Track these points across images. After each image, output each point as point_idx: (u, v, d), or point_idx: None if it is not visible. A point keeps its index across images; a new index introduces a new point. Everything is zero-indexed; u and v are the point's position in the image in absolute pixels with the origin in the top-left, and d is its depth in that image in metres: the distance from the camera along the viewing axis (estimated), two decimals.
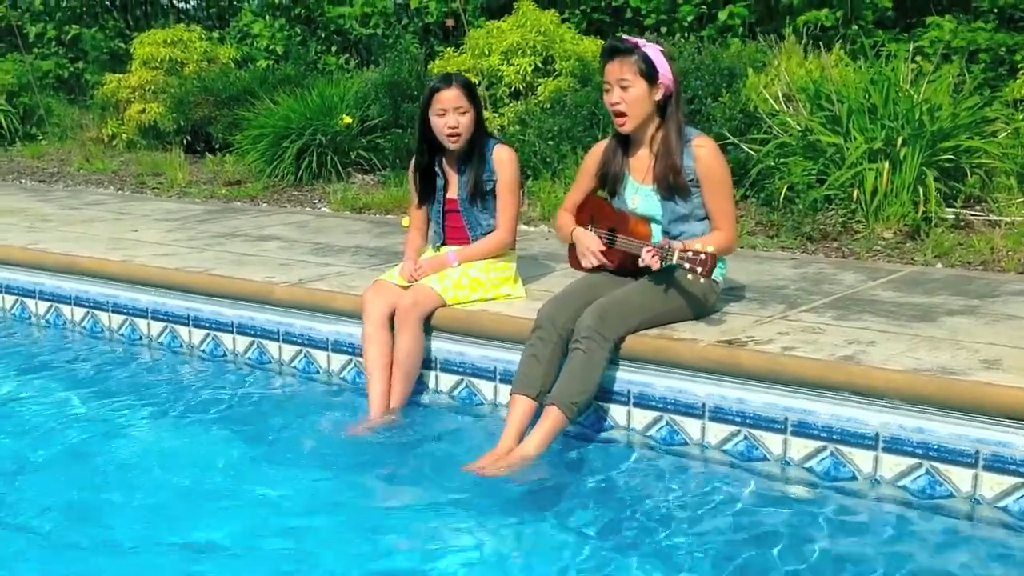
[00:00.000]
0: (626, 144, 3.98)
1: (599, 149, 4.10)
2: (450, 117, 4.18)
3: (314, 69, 10.02)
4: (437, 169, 4.36)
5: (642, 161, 3.94)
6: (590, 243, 3.98)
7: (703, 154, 3.84)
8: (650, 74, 3.78)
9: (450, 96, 4.17)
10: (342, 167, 7.96)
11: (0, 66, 11.26)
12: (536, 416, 3.67)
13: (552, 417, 3.60)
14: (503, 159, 4.29)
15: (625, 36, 3.88)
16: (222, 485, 3.60)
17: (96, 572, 3.06)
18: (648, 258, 3.65)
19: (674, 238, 3.84)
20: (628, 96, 3.79)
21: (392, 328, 4.14)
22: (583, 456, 3.72)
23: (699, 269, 3.55)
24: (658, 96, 3.82)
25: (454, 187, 4.35)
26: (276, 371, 4.70)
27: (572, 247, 4.18)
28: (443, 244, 4.43)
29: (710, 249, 3.57)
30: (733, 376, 3.58)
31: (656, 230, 3.92)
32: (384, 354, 4.11)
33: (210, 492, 3.53)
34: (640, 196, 3.94)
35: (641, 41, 3.83)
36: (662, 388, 3.73)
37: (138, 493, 3.52)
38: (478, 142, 4.27)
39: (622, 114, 3.82)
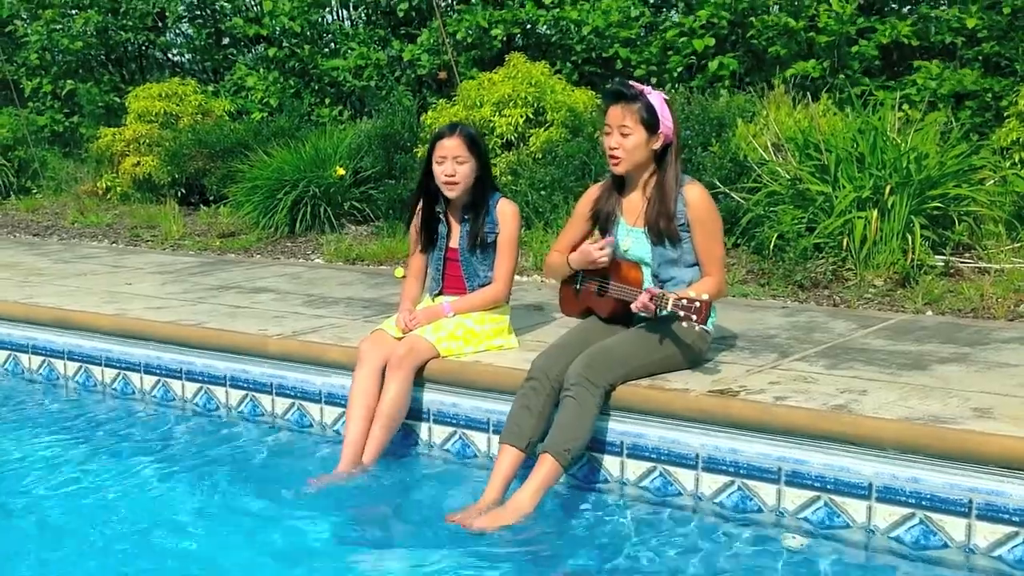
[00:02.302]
0: (620, 186, 4.02)
1: (593, 192, 4.14)
2: (447, 165, 4.22)
3: (308, 121, 10.10)
4: (440, 216, 4.40)
5: (634, 204, 3.98)
6: (588, 248, 3.93)
7: (694, 199, 3.87)
8: (651, 123, 3.82)
9: (451, 145, 4.22)
10: (336, 218, 8.00)
11: None
12: (524, 467, 3.65)
13: (546, 466, 3.57)
14: (506, 213, 4.33)
15: (632, 82, 3.93)
16: (213, 539, 3.57)
17: None
18: (642, 304, 3.67)
19: (664, 282, 3.87)
20: (626, 143, 3.84)
21: (383, 380, 4.12)
22: (577, 508, 3.71)
23: (694, 317, 3.56)
24: (656, 145, 3.86)
25: (456, 236, 4.38)
26: (269, 424, 4.69)
27: (563, 290, 4.20)
28: (440, 292, 4.45)
29: (705, 297, 3.58)
30: (726, 426, 3.59)
31: (646, 273, 3.94)
32: (368, 405, 4.08)
33: (200, 545, 3.51)
34: (632, 238, 3.97)
35: (647, 88, 3.87)
36: (655, 438, 3.73)
37: (125, 545, 3.50)
38: (482, 194, 4.31)
39: (617, 158, 3.87)
